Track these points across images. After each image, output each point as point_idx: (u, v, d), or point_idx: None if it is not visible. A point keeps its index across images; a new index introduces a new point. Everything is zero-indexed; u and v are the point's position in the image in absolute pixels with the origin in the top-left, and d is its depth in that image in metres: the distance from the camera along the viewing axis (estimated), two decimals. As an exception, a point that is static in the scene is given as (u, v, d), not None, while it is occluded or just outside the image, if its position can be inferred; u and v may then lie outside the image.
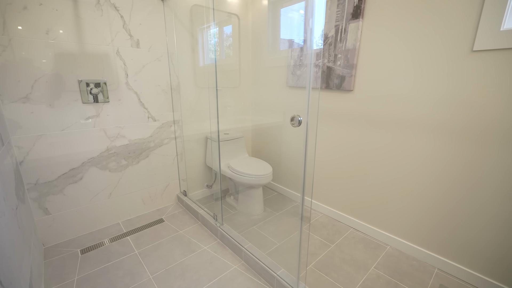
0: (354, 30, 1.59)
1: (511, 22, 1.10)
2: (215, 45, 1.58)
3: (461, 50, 1.23)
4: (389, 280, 1.39)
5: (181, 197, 2.11)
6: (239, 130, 2.48)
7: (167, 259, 1.50)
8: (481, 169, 1.25)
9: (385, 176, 1.64)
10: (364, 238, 1.75)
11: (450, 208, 1.39)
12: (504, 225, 1.22)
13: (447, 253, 1.44)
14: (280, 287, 1.23)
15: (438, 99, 1.34)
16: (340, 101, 1.78)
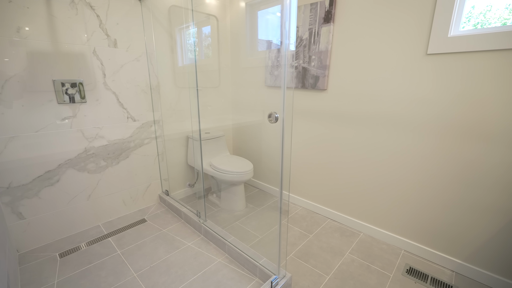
0: (326, 33, 1.71)
1: (457, 30, 1.27)
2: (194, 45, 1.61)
3: (418, 53, 1.38)
4: (362, 263, 1.51)
5: (163, 196, 2.12)
6: (220, 129, 2.52)
7: (151, 257, 1.52)
8: (437, 158, 1.42)
9: (357, 169, 1.77)
10: (340, 227, 1.88)
11: (412, 194, 1.55)
12: (458, 206, 1.40)
13: (411, 235, 1.60)
14: (263, 275, 1.30)
15: (400, 96, 1.49)
16: (315, 99, 1.90)
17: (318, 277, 1.41)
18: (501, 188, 1.25)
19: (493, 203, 1.28)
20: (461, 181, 1.36)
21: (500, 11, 1.20)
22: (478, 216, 1.34)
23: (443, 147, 1.39)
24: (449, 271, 1.46)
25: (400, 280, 1.39)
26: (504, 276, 1.31)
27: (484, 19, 1.25)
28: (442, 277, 1.42)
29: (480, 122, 1.26)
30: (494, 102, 1.20)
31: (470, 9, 1.27)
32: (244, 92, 2.42)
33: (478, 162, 1.29)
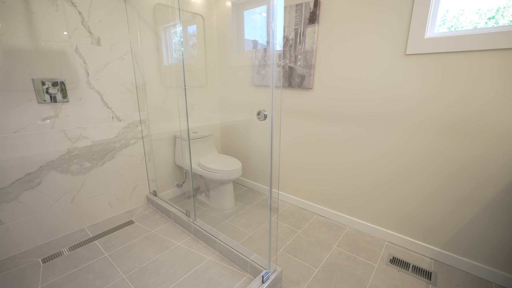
0: (311, 33, 1.76)
1: (432, 32, 1.35)
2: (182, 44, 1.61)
3: (398, 53, 1.46)
4: (349, 255, 1.57)
5: (151, 197, 2.09)
6: (208, 129, 2.52)
7: (140, 258, 1.50)
8: (416, 152, 1.50)
9: (343, 165, 1.84)
10: (327, 222, 1.94)
11: (394, 187, 1.63)
12: (436, 197, 1.49)
13: (394, 227, 1.68)
14: (254, 271, 1.33)
15: (382, 95, 1.56)
16: (301, 98, 1.94)
17: (307, 270, 1.45)
18: (474, 180, 1.34)
19: (467, 194, 1.38)
20: (438, 174, 1.45)
21: (471, 15, 1.30)
22: (454, 206, 1.43)
23: (421, 142, 1.47)
24: (429, 259, 1.55)
25: (384, 269, 1.46)
26: (478, 261, 1.41)
27: (458, 22, 1.34)
28: (422, 264, 1.50)
29: (454, 118, 1.35)
30: (467, 99, 1.30)
31: (444, 12, 1.35)
32: (231, 91, 2.43)
33: (454, 156, 1.38)
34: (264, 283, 1.18)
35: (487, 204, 1.33)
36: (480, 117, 1.28)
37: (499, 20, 1.24)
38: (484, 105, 1.25)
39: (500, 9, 1.24)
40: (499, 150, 1.25)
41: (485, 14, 1.27)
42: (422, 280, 1.38)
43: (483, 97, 1.25)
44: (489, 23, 1.26)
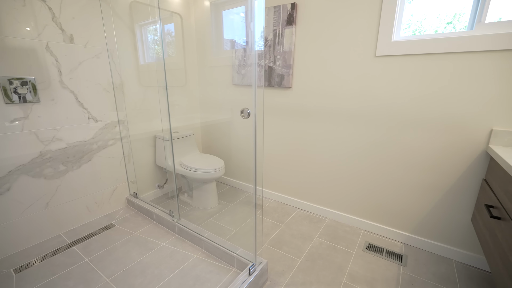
0: (289, 34, 1.83)
1: (398, 36, 1.48)
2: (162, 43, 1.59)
3: (369, 54, 1.57)
4: (329, 245, 1.67)
5: (132, 199, 2.04)
6: (189, 128, 2.50)
7: (124, 261, 1.47)
8: (387, 146, 1.63)
9: (321, 160, 1.94)
10: (308, 215, 2.03)
11: (368, 179, 1.75)
12: (404, 186, 1.63)
13: (369, 216, 1.81)
14: (240, 265, 1.36)
15: (356, 93, 1.67)
16: (281, 97, 2.01)
17: (291, 261, 1.52)
18: (436, 169, 1.50)
19: (431, 182, 1.53)
20: (405, 164, 1.59)
21: (433, 20, 1.44)
22: (420, 194, 1.58)
23: (392, 136, 1.60)
24: (400, 243, 1.70)
25: (361, 255, 1.57)
26: (441, 242, 1.57)
27: (421, 26, 1.48)
28: (394, 249, 1.64)
29: (419, 114, 1.49)
30: (429, 97, 1.44)
31: (409, 17, 1.49)
32: (211, 91, 2.43)
33: (419, 148, 1.53)
34: (251, 275, 1.22)
35: (447, 191, 1.49)
36: (441, 113, 1.42)
37: (456, 25, 1.39)
38: (444, 101, 1.40)
39: (456, 15, 1.39)
40: (457, 142, 1.41)
41: (444, 19, 1.42)
42: (395, 263, 1.51)
43: (443, 95, 1.40)
44: (448, 27, 1.41)
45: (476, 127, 1.35)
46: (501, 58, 1.23)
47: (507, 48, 1.20)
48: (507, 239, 0.92)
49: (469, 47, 1.27)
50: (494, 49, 1.23)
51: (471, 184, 1.41)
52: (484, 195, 1.28)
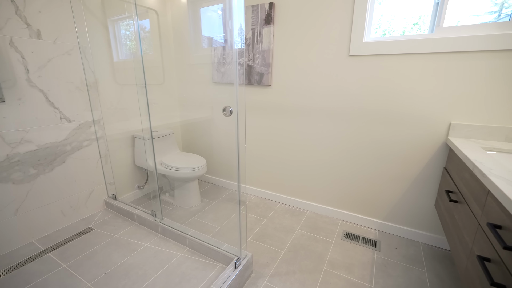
0: (268, 33, 1.87)
1: (369, 37, 1.58)
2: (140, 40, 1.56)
3: (343, 54, 1.66)
4: (310, 235, 1.75)
5: (110, 201, 1.97)
6: (168, 127, 2.46)
7: (106, 264, 1.43)
8: (361, 140, 1.74)
9: (301, 155, 2.01)
10: (289, 209, 2.11)
11: (344, 171, 1.86)
12: (376, 177, 1.75)
13: (346, 206, 1.92)
14: (226, 259, 1.39)
15: (332, 90, 1.76)
16: (261, 94, 2.05)
17: (274, 253, 1.57)
18: (404, 160, 1.63)
19: (400, 173, 1.66)
20: (377, 157, 1.71)
21: (401, 21, 1.56)
22: (391, 184, 1.71)
23: (365, 131, 1.72)
24: (374, 230, 1.83)
25: (339, 243, 1.67)
26: (409, 227, 1.72)
27: (390, 26, 1.60)
28: (369, 235, 1.76)
29: (388, 109, 1.61)
30: (397, 94, 1.56)
31: (379, 17, 1.59)
32: (191, 89, 2.41)
33: (388, 141, 1.65)
34: (236, 268, 1.26)
35: (414, 180, 1.63)
36: (408, 109, 1.55)
37: (421, 25, 1.52)
38: (410, 98, 1.53)
39: (421, 17, 1.52)
40: (422, 135, 1.55)
41: (411, 21, 1.54)
42: (370, 248, 1.63)
43: (409, 92, 1.53)
44: (414, 28, 1.54)
45: (437, 122, 1.49)
46: (458, 59, 1.37)
47: (462, 50, 1.34)
48: (463, 219, 1.04)
49: (430, 49, 1.40)
50: (451, 51, 1.36)
51: (433, 173, 1.56)
52: (444, 182, 1.42)
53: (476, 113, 1.39)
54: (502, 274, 0.68)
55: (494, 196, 0.79)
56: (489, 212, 0.81)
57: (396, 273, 1.42)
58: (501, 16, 1.34)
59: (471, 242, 0.92)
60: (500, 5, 1.34)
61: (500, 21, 1.32)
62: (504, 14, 1.32)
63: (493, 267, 0.73)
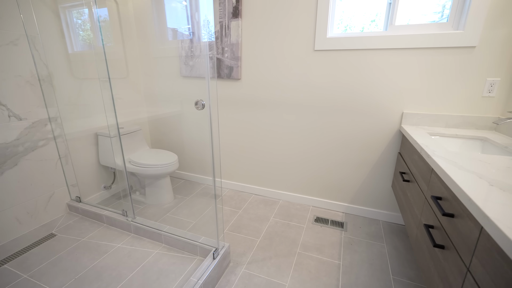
0: (236, 27, 1.88)
1: (332, 32, 1.68)
2: (100, 29, 1.45)
3: (309, 48, 1.74)
4: (283, 223, 1.84)
5: (74, 204, 1.84)
6: (135, 123, 2.35)
7: (74, 269, 1.35)
8: (328, 130, 1.86)
9: (272, 147, 2.08)
10: (263, 199, 2.18)
11: (313, 160, 1.98)
12: (342, 164, 1.90)
13: (315, 193, 2.05)
14: (203, 252, 1.41)
15: (300, 84, 1.84)
16: (231, 88, 2.07)
17: (250, 242, 1.63)
18: (366, 147, 1.79)
19: (363, 159, 1.82)
20: (342, 145, 1.85)
21: (360, 17, 1.68)
22: (355, 169, 1.87)
23: (331, 122, 1.84)
24: (341, 213, 1.98)
25: (311, 228, 1.79)
26: (371, 207, 1.90)
27: (351, 22, 1.71)
28: (337, 218, 1.91)
29: (349, 101, 1.74)
30: (359, 86, 1.69)
31: (341, 13, 1.70)
32: (158, 83, 2.33)
33: (352, 131, 1.79)
34: (215, 259, 1.29)
35: (374, 165, 1.80)
36: (367, 100, 1.70)
37: (378, 22, 1.65)
38: (369, 90, 1.67)
39: (378, 14, 1.65)
40: (379, 124, 1.71)
41: (369, 17, 1.67)
42: (338, 229, 1.77)
43: (368, 84, 1.67)
44: (372, 24, 1.67)
45: (392, 111, 1.66)
46: (407, 55, 1.53)
47: (410, 47, 1.50)
48: (413, 196, 1.19)
49: (384, 45, 1.55)
50: (401, 47, 1.52)
51: (390, 157, 1.74)
52: (399, 165, 1.60)
53: (423, 103, 1.58)
54: (442, 237, 0.81)
55: (436, 173, 0.93)
56: (433, 187, 0.95)
57: (360, 249, 1.57)
58: (443, 16, 1.53)
59: (420, 214, 1.06)
60: (442, 6, 1.53)
61: (440, 22, 1.50)
62: (446, 15, 1.50)
63: (436, 232, 0.87)
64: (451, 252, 0.74)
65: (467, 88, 1.48)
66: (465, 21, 1.37)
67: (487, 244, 0.57)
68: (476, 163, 0.86)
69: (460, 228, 0.70)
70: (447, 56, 1.46)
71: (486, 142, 1.30)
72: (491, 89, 1.43)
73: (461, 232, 0.69)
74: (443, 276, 0.77)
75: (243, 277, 1.34)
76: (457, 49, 1.43)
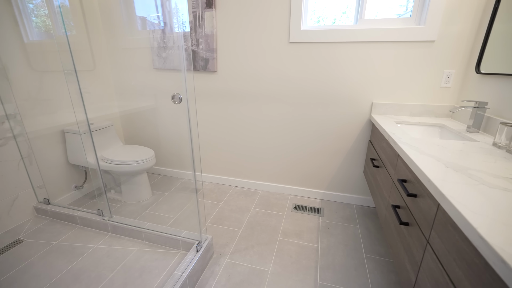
0: (210, 18, 1.84)
1: (306, 25, 1.72)
2: (62, 16, 1.34)
3: (284, 41, 1.77)
4: (264, 212, 1.90)
5: (42, 207, 1.73)
6: (106, 119, 2.23)
7: (48, 274, 1.29)
8: (304, 120, 1.93)
9: (250, 138, 2.11)
10: (243, 191, 2.22)
11: (290, 150, 2.04)
12: (318, 153, 1.98)
13: (293, 182, 2.13)
14: (186, 245, 1.42)
15: (275, 76, 1.87)
16: (207, 81, 2.04)
17: (233, 232, 1.66)
18: (340, 137, 1.88)
19: (337, 147, 1.92)
20: (318, 135, 1.93)
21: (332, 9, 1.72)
22: (330, 157, 1.97)
23: (306, 113, 1.90)
24: (318, 200, 2.09)
25: (290, 215, 1.87)
26: (345, 193, 2.03)
27: (323, 13, 1.75)
28: (314, 205, 2.01)
29: (323, 92, 1.81)
30: (332, 78, 1.76)
31: (314, 4, 1.73)
32: (129, 76, 2.22)
33: (326, 121, 1.87)
34: (198, 251, 1.30)
35: (347, 153, 1.91)
36: (339, 91, 1.78)
37: (349, 14, 1.72)
38: (341, 81, 1.75)
39: (348, 6, 1.71)
40: (352, 114, 1.80)
41: (340, 9, 1.72)
42: (315, 215, 1.87)
43: (340, 76, 1.74)
44: (343, 16, 1.73)
45: (363, 102, 1.76)
46: (375, 48, 1.62)
47: (377, 40, 1.59)
48: (382, 180, 1.30)
49: (354, 38, 1.62)
50: (370, 41, 1.60)
51: (361, 145, 1.86)
52: (369, 152, 1.72)
53: (390, 94, 1.69)
54: (406, 215, 0.91)
55: (402, 158, 1.02)
56: (399, 170, 1.05)
57: (336, 232, 1.68)
58: (407, 9, 1.63)
59: (388, 196, 1.16)
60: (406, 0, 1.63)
61: (404, 17, 1.61)
62: (410, 8, 1.60)
63: (401, 211, 0.96)
64: (414, 228, 0.83)
65: (428, 79, 1.61)
66: (426, 17, 1.48)
67: (443, 218, 0.65)
68: (434, 147, 0.96)
69: (422, 206, 0.79)
70: (410, 50, 1.57)
71: (443, 128, 1.44)
72: (448, 80, 1.57)
73: (422, 210, 0.78)
74: (408, 250, 0.86)
75: (227, 267, 1.37)
76: (419, 43, 1.55)
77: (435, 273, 0.66)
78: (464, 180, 0.68)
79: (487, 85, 1.32)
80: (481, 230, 0.47)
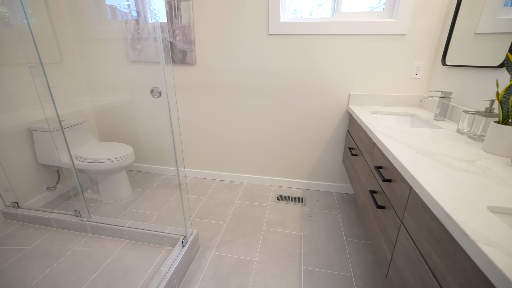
0: (186, 8, 1.78)
1: (284, 17, 1.72)
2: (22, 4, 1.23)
3: (263, 33, 1.76)
4: (248, 204, 1.93)
5: (11, 211, 1.62)
6: (78, 115, 2.11)
7: (23, 280, 1.22)
8: (285, 112, 1.96)
9: (232, 131, 2.10)
10: (227, 184, 2.22)
11: (272, 142, 2.07)
12: (299, 144, 2.03)
13: (276, 173, 2.17)
14: (171, 241, 1.41)
15: (255, 68, 1.87)
16: (185, 74, 1.98)
17: (218, 226, 1.67)
18: (320, 127, 1.94)
19: (317, 138, 1.98)
20: (299, 126, 1.97)
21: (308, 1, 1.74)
22: (311, 148, 2.02)
23: (287, 105, 1.93)
24: (300, 189, 2.15)
25: (274, 206, 1.91)
26: (326, 181, 2.11)
27: (300, 5, 1.76)
28: (297, 194, 2.07)
29: (303, 84, 1.84)
30: (311, 69, 1.80)
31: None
32: (101, 69, 2.10)
33: (307, 112, 1.92)
34: (184, 246, 1.30)
35: (327, 143, 1.98)
36: (318, 82, 1.82)
37: (325, 6, 1.74)
38: (320, 73, 1.79)
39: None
40: (330, 105, 1.86)
41: (317, 1, 1.74)
42: (298, 205, 1.93)
43: (318, 68, 1.78)
44: (320, 8, 1.75)
45: (341, 93, 1.82)
46: (351, 40, 1.67)
47: (353, 33, 1.64)
48: (360, 167, 1.37)
49: (331, 31, 1.66)
50: (346, 33, 1.65)
51: (340, 135, 1.93)
52: (348, 141, 1.79)
53: (366, 85, 1.77)
54: (382, 199, 0.97)
55: (377, 146, 1.08)
56: (375, 158, 1.11)
57: (318, 219, 1.75)
58: (380, 2, 1.69)
59: (366, 183, 1.23)
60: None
61: (378, 10, 1.67)
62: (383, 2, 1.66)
63: (378, 196, 1.03)
64: (390, 210, 0.89)
65: (399, 71, 1.70)
66: (397, 11, 1.55)
67: (414, 200, 0.71)
68: (406, 135, 1.03)
69: (396, 190, 0.85)
70: (384, 42, 1.64)
71: (414, 117, 1.54)
72: (418, 72, 1.67)
73: (397, 193, 0.84)
74: (384, 231, 0.93)
75: (213, 259, 1.38)
76: (391, 36, 1.62)
77: (408, 250, 0.73)
78: (432, 164, 0.75)
79: (452, 76, 1.43)
80: (447, 208, 0.52)
